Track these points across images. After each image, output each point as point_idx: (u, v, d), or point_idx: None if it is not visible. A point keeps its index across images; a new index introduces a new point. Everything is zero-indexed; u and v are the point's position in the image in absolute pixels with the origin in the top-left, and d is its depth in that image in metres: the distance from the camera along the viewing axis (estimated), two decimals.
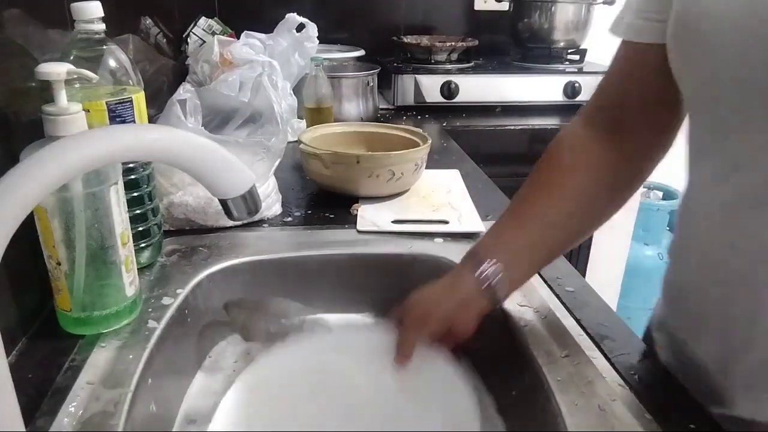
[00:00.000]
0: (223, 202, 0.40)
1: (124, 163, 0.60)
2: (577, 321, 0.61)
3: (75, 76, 0.48)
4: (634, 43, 0.55)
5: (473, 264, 0.59)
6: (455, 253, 0.75)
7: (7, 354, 0.35)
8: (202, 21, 1.46)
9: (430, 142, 0.95)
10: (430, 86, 1.55)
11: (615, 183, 0.60)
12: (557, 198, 0.60)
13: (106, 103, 0.59)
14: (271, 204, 0.85)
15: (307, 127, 1.15)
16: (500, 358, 0.63)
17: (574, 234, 0.61)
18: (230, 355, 0.69)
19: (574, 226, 0.61)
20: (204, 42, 1.38)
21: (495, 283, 0.57)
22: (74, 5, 0.56)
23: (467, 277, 0.58)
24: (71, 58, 0.57)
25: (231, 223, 0.41)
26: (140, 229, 0.67)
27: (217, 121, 0.94)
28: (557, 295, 0.66)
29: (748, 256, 0.46)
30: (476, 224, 0.82)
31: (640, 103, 0.56)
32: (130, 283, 0.58)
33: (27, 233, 0.53)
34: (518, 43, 1.78)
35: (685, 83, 0.50)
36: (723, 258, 0.48)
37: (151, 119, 0.78)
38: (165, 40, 1.25)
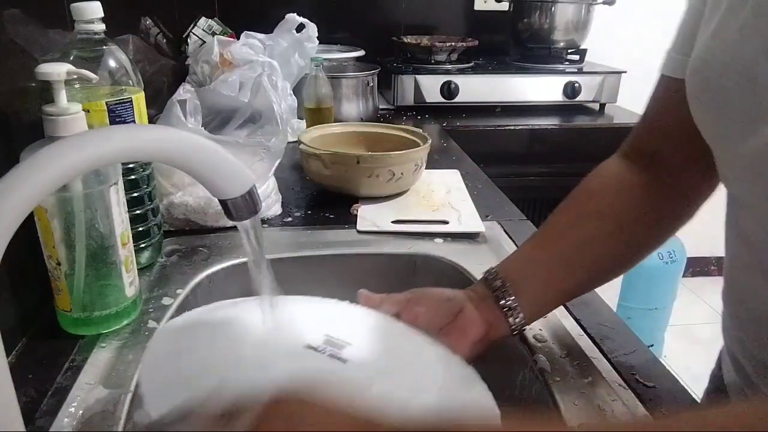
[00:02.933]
0: (223, 203, 0.40)
1: (124, 163, 0.60)
2: (577, 321, 0.61)
3: (75, 76, 0.48)
4: (672, 79, 0.51)
5: (492, 289, 0.54)
6: (455, 253, 0.75)
7: (7, 354, 0.35)
8: (202, 21, 1.46)
9: (430, 142, 0.95)
10: (430, 86, 1.54)
11: (655, 214, 0.55)
12: (594, 216, 0.55)
13: (106, 104, 0.59)
14: (271, 204, 0.85)
15: (307, 127, 1.15)
16: (501, 358, 0.63)
17: (615, 258, 0.56)
18: None
19: (615, 246, 0.55)
20: (204, 42, 1.38)
21: (515, 319, 0.53)
22: (74, 5, 0.56)
23: (484, 303, 0.54)
24: (71, 58, 0.57)
25: (231, 223, 0.41)
26: (140, 229, 0.67)
27: (217, 121, 0.94)
28: None
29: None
30: (476, 224, 0.82)
31: (680, 142, 0.52)
32: (130, 283, 0.58)
33: (27, 233, 0.53)
34: (518, 43, 1.78)
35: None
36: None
37: (151, 119, 0.78)
38: (165, 40, 1.25)
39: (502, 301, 0.53)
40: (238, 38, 1.26)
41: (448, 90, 1.54)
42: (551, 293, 0.56)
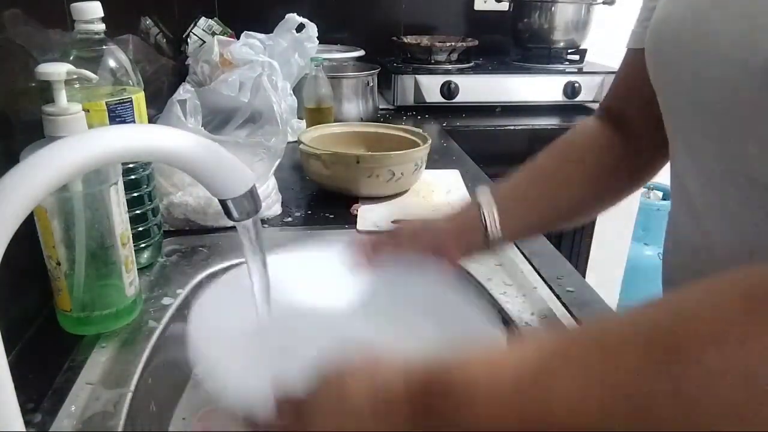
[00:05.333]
0: (223, 202, 0.40)
1: (124, 163, 0.60)
2: (577, 321, 0.61)
3: (75, 76, 0.48)
4: (634, 49, 0.57)
5: (479, 202, 0.58)
6: None
7: (7, 354, 0.35)
8: (202, 21, 1.46)
9: (430, 142, 0.95)
10: (430, 86, 1.54)
11: (627, 165, 0.60)
12: (576, 161, 0.61)
13: (106, 103, 0.59)
14: (271, 204, 0.85)
15: (307, 127, 1.15)
16: None
17: (593, 199, 0.62)
18: None
19: (593, 188, 0.60)
20: (204, 42, 1.38)
21: (495, 230, 0.57)
22: (74, 5, 0.56)
23: (471, 212, 0.58)
24: (71, 58, 0.57)
25: (231, 223, 0.41)
26: (140, 229, 0.67)
27: (217, 121, 0.94)
28: (557, 295, 0.66)
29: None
30: None
31: (641, 105, 0.57)
32: (130, 283, 0.58)
33: (27, 233, 0.53)
34: (518, 43, 1.78)
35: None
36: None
37: (151, 119, 0.78)
38: (165, 40, 1.25)
39: (486, 215, 0.57)
40: (238, 38, 1.26)
41: (448, 90, 1.54)
42: (534, 218, 0.60)
